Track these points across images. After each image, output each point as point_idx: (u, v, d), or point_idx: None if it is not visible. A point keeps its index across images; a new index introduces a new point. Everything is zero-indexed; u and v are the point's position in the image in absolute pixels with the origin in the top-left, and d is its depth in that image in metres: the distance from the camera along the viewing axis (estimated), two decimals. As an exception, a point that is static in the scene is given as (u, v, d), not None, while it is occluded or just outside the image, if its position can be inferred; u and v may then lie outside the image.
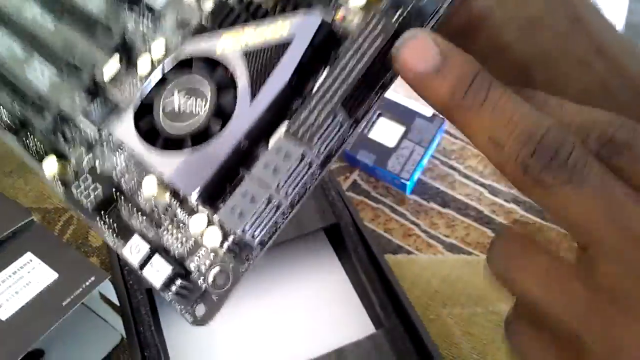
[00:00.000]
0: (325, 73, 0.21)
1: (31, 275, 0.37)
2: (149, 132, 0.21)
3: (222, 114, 0.20)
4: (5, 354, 0.33)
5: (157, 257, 0.20)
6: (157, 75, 0.22)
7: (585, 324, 0.16)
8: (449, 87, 0.18)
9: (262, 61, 0.20)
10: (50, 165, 0.23)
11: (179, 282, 0.19)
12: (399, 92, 0.54)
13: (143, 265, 0.20)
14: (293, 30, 0.21)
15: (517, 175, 0.17)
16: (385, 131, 0.53)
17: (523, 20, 0.24)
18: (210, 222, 0.20)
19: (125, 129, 0.21)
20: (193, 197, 0.19)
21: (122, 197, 0.22)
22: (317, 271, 0.45)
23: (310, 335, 0.42)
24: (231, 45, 0.21)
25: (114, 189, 0.22)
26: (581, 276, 0.16)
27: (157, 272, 0.20)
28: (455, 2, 0.21)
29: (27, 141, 0.23)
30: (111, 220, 0.22)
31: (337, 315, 0.43)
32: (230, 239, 0.19)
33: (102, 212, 0.22)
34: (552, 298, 0.17)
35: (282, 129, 0.21)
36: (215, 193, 0.20)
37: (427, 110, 0.53)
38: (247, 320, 0.43)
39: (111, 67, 0.24)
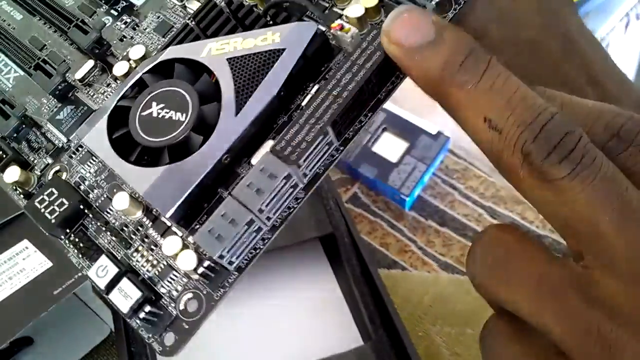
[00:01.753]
0: (315, 88, 0.22)
1: (26, 262, 0.40)
2: (123, 142, 0.21)
3: (203, 125, 0.21)
4: None
5: (125, 281, 0.20)
6: (134, 78, 0.22)
7: (577, 340, 0.15)
8: (442, 60, 0.17)
9: (250, 69, 0.21)
10: (12, 175, 0.23)
11: (147, 308, 0.20)
12: (405, 108, 0.56)
13: (110, 288, 0.20)
14: (285, 38, 0.21)
15: (515, 163, 0.16)
16: (388, 146, 0.55)
17: (518, 43, 0.24)
18: (184, 245, 0.20)
19: (97, 138, 0.21)
20: (168, 217, 0.20)
21: (91, 214, 0.22)
22: (310, 279, 0.47)
23: (297, 342, 0.44)
24: (217, 49, 0.21)
25: (81, 205, 0.22)
26: (578, 287, 0.15)
27: (125, 297, 0.20)
28: (454, 21, 0.21)
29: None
30: (77, 239, 0.22)
31: (326, 325, 0.45)
32: (205, 263, 0.20)
33: (68, 229, 0.22)
34: (543, 311, 0.16)
35: (265, 146, 0.21)
36: (192, 213, 0.21)
37: (433, 128, 0.55)
38: (236, 322, 0.44)
39: (85, 67, 0.24)
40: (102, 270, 0.20)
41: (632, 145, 0.16)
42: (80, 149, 0.24)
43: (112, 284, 0.20)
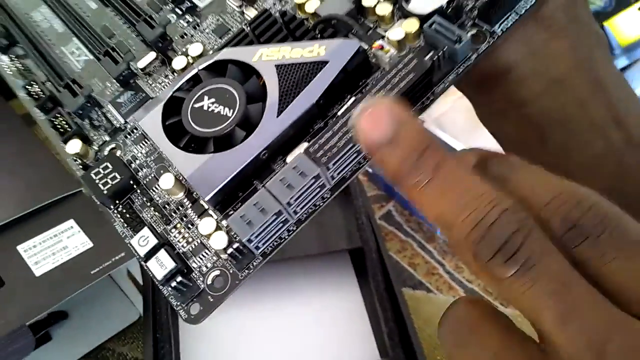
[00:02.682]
0: (352, 100, 0.25)
1: (69, 241, 0.45)
2: (174, 129, 0.25)
3: (247, 123, 0.24)
4: (33, 307, 0.41)
5: (162, 252, 0.23)
6: (190, 73, 0.26)
7: None
8: (397, 160, 0.18)
9: (295, 77, 0.24)
10: (74, 147, 0.27)
11: (179, 278, 0.23)
12: (448, 132, 0.59)
13: (148, 257, 0.23)
14: (330, 52, 0.24)
15: (467, 259, 0.17)
16: (427, 167, 0.58)
17: (546, 79, 0.27)
18: (218, 227, 0.24)
19: (152, 122, 0.25)
20: (206, 200, 0.23)
21: (138, 189, 0.26)
22: (335, 290, 0.51)
23: (316, 350, 0.47)
24: (267, 55, 0.25)
25: (131, 181, 0.26)
26: None
27: (161, 266, 0.23)
28: (487, 53, 0.24)
29: (56, 121, 0.27)
30: (124, 210, 0.25)
31: (346, 336, 0.48)
32: (235, 245, 0.23)
33: (117, 201, 0.26)
34: None
35: (300, 147, 0.24)
36: (228, 200, 0.24)
37: None
38: (259, 324, 0.49)
39: (147, 57, 0.28)
40: (143, 240, 0.24)
41: (587, 238, 0.17)
42: (135, 130, 0.27)
43: (151, 253, 0.24)
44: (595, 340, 0.16)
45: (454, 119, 0.61)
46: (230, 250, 0.23)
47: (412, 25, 0.25)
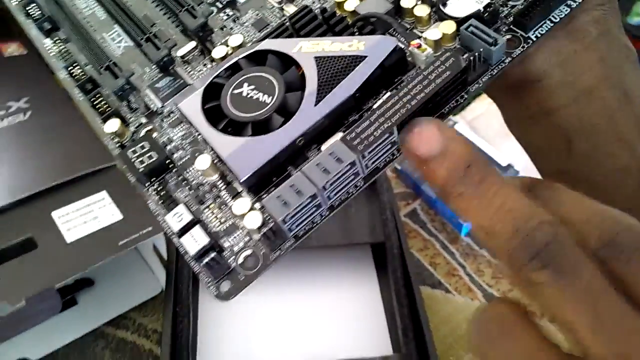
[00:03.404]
0: (387, 95, 0.26)
1: (100, 211, 0.46)
2: (214, 113, 0.25)
3: (285, 110, 0.25)
4: (62, 272, 0.42)
5: (197, 228, 0.24)
6: (231, 61, 0.26)
7: None
8: (445, 173, 0.20)
9: (333, 69, 0.25)
10: (112, 126, 0.27)
11: (212, 254, 0.23)
12: (481, 135, 0.59)
13: (183, 232, 0.24)
14: (368, 48, 0.25)
15: (504, 264, 0.19)
16: (455, 169, 0.59)
17: (576, 89, 0.27)
18: (252, 208, 0.24)
19: (191, 105, 0.26)
20: (242, 182, 0.24)
21: (174, 169, 0.26)
22: (354, 282, 0.51)
23: (329, 338, 0.48)
24: (307, 47, 0.26)
25: (167, 161, 0.26)
26: None
27: (195, 242, 0.24)
28: (521, 57, 0.25)
29: (95, 102, 0.28)
30: (159, 188, 0.26)
31: (360, 328, 0.48)
32: (268, 226, 0.23)
33: (152, 179, 0.26)
34: None
35: (335, 137, 0.25)
36: (263, 182, 0.25)
37: (504, 160, 0.58)
38: (277, 308, 0.50)
39: (187, 46, 0.29)
40: (178, 217, 0.24)
41: (622, 254, 0.18)
42: (172, 114, 0.28)
43: (185, 229, 0.24)
44: (623, 352, 0.16)
45: (489, 122, 0.61)
46: (264, 231, 0.23)
47: (449, 26, 0.26)
